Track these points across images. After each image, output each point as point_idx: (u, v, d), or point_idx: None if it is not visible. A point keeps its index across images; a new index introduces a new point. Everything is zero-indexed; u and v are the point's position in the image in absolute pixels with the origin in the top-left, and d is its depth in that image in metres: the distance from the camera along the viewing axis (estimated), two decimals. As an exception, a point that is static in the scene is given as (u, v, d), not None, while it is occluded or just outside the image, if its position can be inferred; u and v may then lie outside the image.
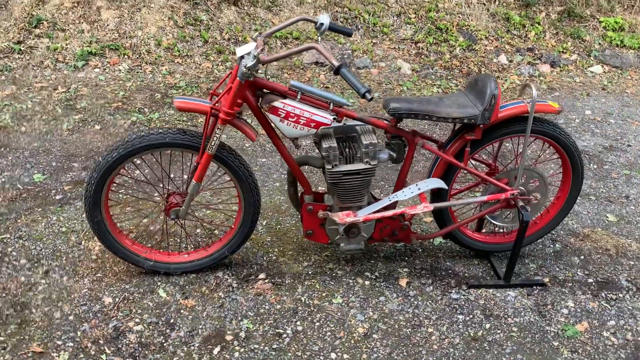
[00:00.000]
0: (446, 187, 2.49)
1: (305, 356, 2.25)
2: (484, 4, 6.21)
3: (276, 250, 2.86)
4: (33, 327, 2.31)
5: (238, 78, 2.17)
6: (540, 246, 3.01)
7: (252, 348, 2.27)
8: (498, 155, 2.71)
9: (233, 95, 2.20)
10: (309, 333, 2.36)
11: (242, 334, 2.33)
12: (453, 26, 5.94)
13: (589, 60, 5.92)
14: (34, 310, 2.39)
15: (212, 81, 4.95)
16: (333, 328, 2.40)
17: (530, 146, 4.11)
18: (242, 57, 2.19)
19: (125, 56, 5.11)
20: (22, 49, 5.02)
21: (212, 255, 2.61)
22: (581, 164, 2.63)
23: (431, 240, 3.00)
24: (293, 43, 5.56)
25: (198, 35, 5.38)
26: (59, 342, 2.24)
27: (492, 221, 2.69)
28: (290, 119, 2.28)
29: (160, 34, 5.31)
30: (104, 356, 2.19)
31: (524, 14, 6.25)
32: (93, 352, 2.21)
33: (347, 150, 2.42)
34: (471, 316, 2.50)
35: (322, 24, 2.38)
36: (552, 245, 3.02)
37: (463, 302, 2.58)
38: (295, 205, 2.65)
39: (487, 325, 2.46)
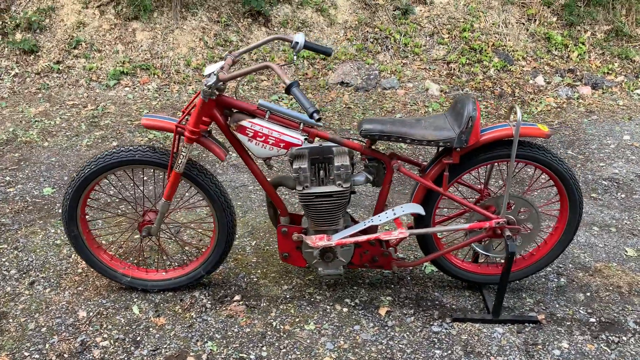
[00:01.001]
0: (423, 213, 2.36)
1: (264, 384, 2.18)
2: (523, 24, 5.97)
3: (259, 271, 2.81)
4: (6, 337, 2.37)
5: (201, 96, 2.16)
6: (543, 280, 2.80)
7: (211, 371, 2.22)
8: (489, 180, 2.55)
9: (197, 113, 2.19)
10: (273, 359, 2.29)
11: (205, 357, 2.28)
12: (488, 46, 5.75)
13: (637, 82, 5.55)
14: (10, 320, 2.46)
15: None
16: (299, 356, 2.31)
17: (526, 173, 3.87)
18: (208, 75, 2.18)
19: (155, 76, 5.27)
20: (61, 68, 5.30)
21: (189, 274, 2.59)
22: (578, 192, 2.43)
23: (422, 268, 2.86)
24: (319, 62, 5.55)
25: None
26: (26, 354, 2.28)
27: (479, 251, 2.53)
28: (258, 138, 2.24)
29: (190, 54, 5.45)
30: (64, 370, 2.21)
31: (567, 33, 5.96)
32: (55, 366, 2.23)
33: (321, 171, 2.35)
34: (449, 352, 2.34)
35: (297, 43, 2.34)
36: (556, 280, 2.80)
37: (443, 336, 2.42)
38: (275, 226, 2.60)
39: (465, 363, 2.29)
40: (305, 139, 2.29)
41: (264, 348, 2.34)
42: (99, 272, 2.58)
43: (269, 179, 2.44)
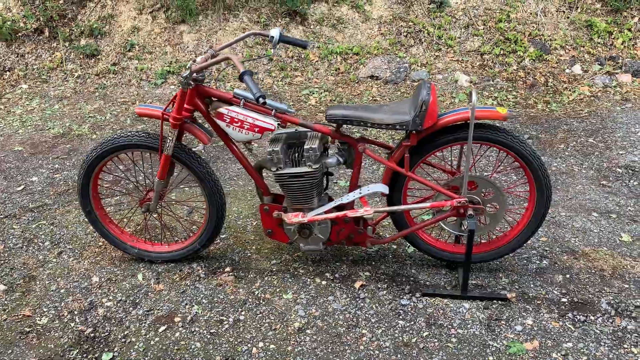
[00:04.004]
0: (387, 192, 2.52)
1: (236, 342, 2.44)
2: (563, 12, 5.84)
3: (254, 248, 3.08)
4: (32, 296, 2.79)
5: (181, 87, 2.45)
6: (524, 261, 2.86)
7: (192, 330, 2.51)
8: (460, 163, 2.66)
9: (178, 102, 2.49)
10: (248, 322, 2.54)
11: (189, 317, 2.58)
12: (524, 36, 5.68)
13: (686, 68, 5.28)
14: (38, 283, 2.88)
15: (269, 96, 5.32)
16: (272, 320, 2.55)
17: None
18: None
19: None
20: (116, 69, 5.85)
21: (187, 248, 2.90)
22: (544, 174, 2.48)
23: (406, 248, 3.00)
24: (351, 59, 5.74)
25: (264, 54, 5.81)
26: (45, 309, 2.68)
27: (447, 228, 2.65)
28: (234, 124, 2.50)
29: (231, 53, 5.82)
30: (72, 323, 2.58)
31: (611, 20, 5.76)
32: (65, 320, 2.61)
33: (295, 154, 2.58)
34: (412, 323, 2.49)
35: (272, 37, 2.59)
36: (537, 261, 2.85)
37: (410, 309, 2.57)
38: (263, 205, 2.85)
39: (425, 334, 2.43)
40: (279, 125, 2.52)
41: (243, 313, 2.60)
42: (111, 244, 2.95)
43: (252, 163, 2.69)
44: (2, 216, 3.50)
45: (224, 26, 5.99)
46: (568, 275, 2.74)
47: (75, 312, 2.65)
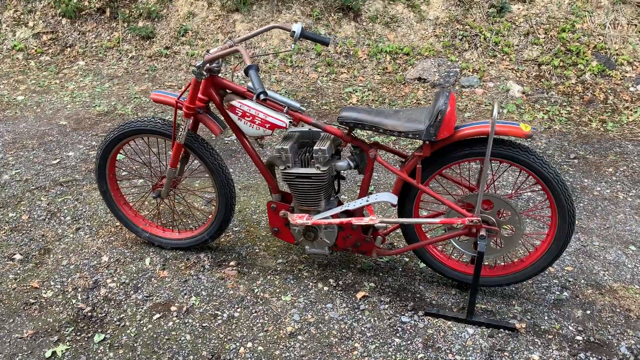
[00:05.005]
0: (395, 202, 2.40)
1: (226, 339, 2.40)
2: (635, 25, 5.44)
3: (263, 244, 3.03)
4: (43, 268, 2.86)
5: (194, 76, 2.43)
6: (543, 290, 2.67)
7: (186, 321, 2.49)
8: (480, 179, 2.50)
9: (192, 91, 2.46)
10: (241, 320, 2.50)
11: (185, 308, 2.57)
12: (588, 48, 5.33)
13: None
14: (51, 256, 2.95)
15: (312, 91, 5.26)
16: (266, 321, 2.49)
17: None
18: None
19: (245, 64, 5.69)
20: (168, 53, 5.95)
21: (196, 237, 2.89)
22: (567, 199, 2.29)
23: (418, 263, 2.87)
24: (399, 61, 5.58)
25: (313, 48, 5.75)
26: (52, 283, 2.75)
27: (457, 246, 2.50)
28: (246, 118, 2.45)
29: (280, 45, 5.80)
30: (74, 300, 2.63)
31: (689, 37, 5.31)
32: (68, 296, 2.66)
33: (306, 155, 2.50)
34: (409, 342, 2.37)
35: (293, 32, 2.51)
36: (558, 292, 2.65)
37: (409, 327, 2.44)
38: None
39: (420, 355, 2.30)
40: (291, 123, 2.45)
41: (239, 310, 2.56)
42: (125, 226, 2.98)
43: (264, 159, 2.64)
44: (33, 187, 3.62)
45: (276, 17, 5.97)
46: (589, 312, 2.53)
47: (79, 290, 2.70)
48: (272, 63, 5.69)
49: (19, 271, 2.83)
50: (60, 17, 6.43)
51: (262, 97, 2.03)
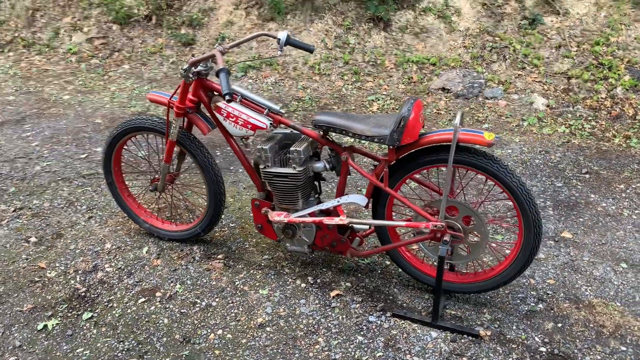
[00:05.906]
0: (363, 204, 2.49)
1: (200, 325, 2.56)
2: (674, 39, 5.23)
3: (253, 240, 3.18)
4: (52, 251, 3.13)
5: (183, 79, 2.62)
6: (518, 301, 2.66)
7: (167, 307, 2.67)
8: (452, 184, 2.54)
9: (181, 92, 2.65)
10: (217, 309, 2.65)
11: (168, 294, 2.75)
12: (622, 62, 5.17)
13: None
14: (62, 241, 3.22)
15: (335, 98, 5.39)
16: (239, 312, 2.63)
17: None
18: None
19: (275, 71, 5.90)
20: (205, 59, 6.24)
21: (190, 230, 3.07)
22: (532, 210, 2.30)
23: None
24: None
25: (341, 57, 5.88)
26: (57, 265, 3.00)
27: (424, 249, 2.54)
28: (230, 118, 2.61)
29: (309, 54, 5.96)
30: (73, 281, 2.87)
31: None
32: (69, 277, 2.90)
33: (286, 155, 2.63)
34: (371, 341, 2.44)
35: (279, 39, 2.66)
36: (532, 303, 2.64)
37: (374, 327, 2.51)
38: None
39: (379, 354, 2.37)
40: (271, 124, 2.59)
41: (217, 299, 2.71)
42: (128, 216, 3.21)
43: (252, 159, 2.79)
44: (59, 178, 3.94)
45: (308, 27, 6.15)
46: (560, 325, 2.51)
47: (79, 272, 2.94)
48: (300, 70, 5.86)
49: (31, 252, 3.11)
50: (112, 24, 6.88)
51: (227, 97, 2.18)
